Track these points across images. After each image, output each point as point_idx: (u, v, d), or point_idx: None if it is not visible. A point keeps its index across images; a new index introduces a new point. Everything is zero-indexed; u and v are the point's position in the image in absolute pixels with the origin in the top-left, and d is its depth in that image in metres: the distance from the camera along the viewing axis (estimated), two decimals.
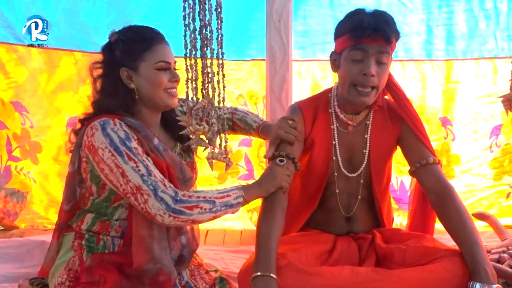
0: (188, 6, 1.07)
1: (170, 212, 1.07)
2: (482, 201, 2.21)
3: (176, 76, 1.22)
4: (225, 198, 1.13)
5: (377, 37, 1.21)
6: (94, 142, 1.12)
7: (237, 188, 1.17)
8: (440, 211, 1.27)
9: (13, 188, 2.18)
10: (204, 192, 1.13)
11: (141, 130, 1.18)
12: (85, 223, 1.21)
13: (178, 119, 1.13)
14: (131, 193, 1.09)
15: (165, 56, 1.21)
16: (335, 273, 1.13)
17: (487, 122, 2.18)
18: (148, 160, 1.12)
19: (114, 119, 1.15)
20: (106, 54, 1.22)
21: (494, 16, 2.10)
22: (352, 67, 1.24)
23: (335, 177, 1.36)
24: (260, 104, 2.20)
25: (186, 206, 1.08)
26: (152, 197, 1.07)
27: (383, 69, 1.24)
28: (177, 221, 1.09)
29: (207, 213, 1.11)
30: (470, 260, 1.13)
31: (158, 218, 1.08)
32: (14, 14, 2.09)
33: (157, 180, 1.09)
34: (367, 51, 1.22)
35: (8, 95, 2.14)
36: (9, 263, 1.63)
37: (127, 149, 1.10)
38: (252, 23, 2.11)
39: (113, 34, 1.20)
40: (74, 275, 1.15)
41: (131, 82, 1.19)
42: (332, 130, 1.35)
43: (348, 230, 1.41)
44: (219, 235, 2.09)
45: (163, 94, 1.20)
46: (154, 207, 1.07)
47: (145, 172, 1.08)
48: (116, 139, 1.11)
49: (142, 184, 1.07)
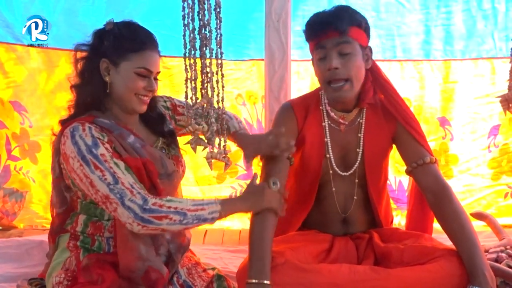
0: (187, 5, 1.07)
1: (139, 221, 1.05)
2: (480, 201, 2.21)
3: (152, 86, 1.20)
4: (198, 211, 1.09)
5: (329, 31, 1.22)
6: (66, 151, 1.11)
7: (215, 202, 1.11)
8: (438, 211, 1.26)
9: (12, 187, 2.18)
10: (177, 202, 1.09)
11: (114, 129, 1.16)
12: (78, 225, 1.21)
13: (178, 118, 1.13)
14: (101, 202, 1.09)
15: (149, 64, 1.18)
16: (333, 270, 1.14)
17: (485, 122, 2.18)
18: (116, 166, 1.09)
19: (84, 124, 1.13)
20: (95, 39, 1.21)
21: (492, 17, 2.10)
22: (319, 66, 1.27)
23: (330, 176, 1.35)
24: (258, 104, 2.20)
25: (155, 216, 1.06)
26: (120, 206, 1.05)
27: (349, 59, 1.24)
28: (146, 230, 1.07)
29: (176, 224, 1.07)
30: (469, 263, 1.12)
31: (128, 226, 1.08)
32: (12, 13, 2.09)
33: (124, 187, 1.07)
34: (326, 47, 1.23)
35: (7, 95, 2.14)
36: (8, 263, 1.63)
37: (93, 157, 1.08)
38: (251, 23, 2.11)
39: (110, 23, 1.19)
40: (71, 275, 1.15)
41: (107, 75, 1.17)
42: (324, 127, 1.34)
43: (344, 231, 1.40)
44: (217, 234, 2.10)
45: (133, 97, 1.19)
46: (123, 216, 1.06)
47: (111, 181, 1.07)
48: (83, 147, 1.09)
49: (109, 193, 1.06)
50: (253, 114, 2.22)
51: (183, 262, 1.33)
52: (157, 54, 1.21)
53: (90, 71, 1.19)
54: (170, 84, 2.14)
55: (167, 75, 2.12)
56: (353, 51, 1.25)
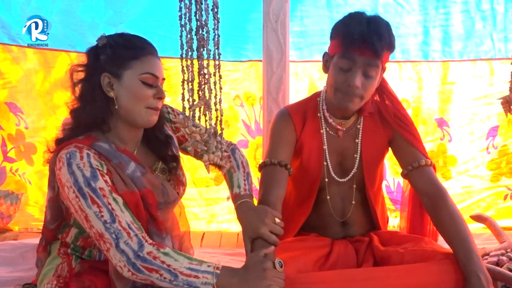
0: (184, 6, 1.06)
1: (130, 267, 0.99)
2: (480, 203, 2.21)
3: (161, 93, 1.12)
4: (191, 278, 1.00)
5: (366, 50, 1.17)
6: (61, 178, 1.05)
7: (212, 272, 1.00)
8: (433, 214, 1.26)
9: (7, 190, 2.16)
10: (172, 260, 1.00)
11: (113, 157, 1.09)
12: (69, 237, 1.17)
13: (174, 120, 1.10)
14: (95, 238, 1.03)
15: (153, 69, 1.11)
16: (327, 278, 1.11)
17: (483, 123, 2.18)
18: (115, 202, 1.02)
19: (82, 151, 1.04)
20: (90, 57, 1.12)
21: (491, 17, 2.10)
22: (339, 75, 1.22)
23: (329, 181, 1.35)
24: (256, 105, 2.19)
25: (147, 267, 0.99)
26: (114, 248, 1.00)
27: (370, 82, 1.22)
28: (135, 278, 1.01)
29: (165, 282, 1.00)
30: (464, 267, 1.11)
31: (118, 269, 1.02)
32: (9, 14, 2.08)
33: (121, 228, 1.00)
34: (355, 62, 1.19)
35: (2, 96, 2.12)
36: (2, 267, 1.61)
37: (91, 190, 1.01)
38: (248, 24, 2.10)
39: (102, 38, 1.11)
40: (63, 281, 1.12)
41: (111, 90, 1.09)
42: (322, 135, 1.34)
43: (344, 235, 1.40)
44: (215, 237, 2.08)
45: (143, 110, 1.10)
46: (115, 258, 1.00)
47: (108, 219, 1.01)
48: (80, 179, 1.02)
49: (105, 231, 1.00)
50: (251, 115, 2.20)
51: None
52: (158, 59, 1.14)
53: (90, 91, 1.10)
54: (167, 85, 2.13)
55: (165, 76, 2.11)
56: (376, 75, 1.22)
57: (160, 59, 1.16)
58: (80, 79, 1.13)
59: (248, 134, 2.21)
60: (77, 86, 1.13)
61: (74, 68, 1.13)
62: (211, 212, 2.22)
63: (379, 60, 1.21)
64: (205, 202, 2.23)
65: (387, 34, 1.20)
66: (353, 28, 1.18)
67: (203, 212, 2.23)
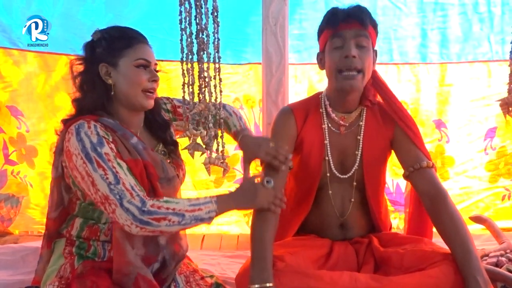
0: (185, 10, 1.07)
1: (137, 223, 1.05)
2: (478, 204, 2.22)
3: (155, 76, 1.21)
4: (196, 212, 1.09)
5: (352, 21, 1.26)
6: (70, 148, 1.11)
7: (211, 201, 1.11)
8: (434, 216, 1.27)
9: (8, 193, 2.16)
10: (174, 203, 1.08)
11: (118, 129, 1.17)
12: (74, 229, 1.20)
13: (175, 123, 1.13)
14: (100, 202, 1.08)
15: (145, 55, 1.20)
16: (334, 277, 1.13)
17: (481, 124, 2.19)
18: (119, 166, 1.09)
19: (90, 122, 1.13)
20: (87, 51, 1.22)
21: (488, 20, 2.11)
22: (334, 54, 1.28)
23: (329, 178, 1.35)
24: (256, 108, 2.20)
25: (154, 217, 1.05)
26: (119, 207, 1.05)
27: (364, 52, 1.27)
28: (144, 232, 1.07)
29: (175, 225, 1.07)
30: (462, 268, 1.12)
31: (126, 228, 1.07)
32: (9, 18, 2.08)
33: (125, 189, 1.06)
34: (345, 37, 1.26)
35: (3, 99, 2.13)
36: (3, 270, 1.61)
37: (97, 155, 1.08)
38: (248, 27, 2.12)
39: (96, 32, 1.21)
40: (66, 282, 1.14)
41: (109, 78, 1.18)
42: (323, 130, 1.35)
43: (343, 237, 1.40)
44: (215, 240, 2.08)
45: (140, 94, 1.19)
46: (121, 217, 1.05)
47: (112, 180, 1.06)
48: (88, 145, 1.09)
49: (109, 193, 1.05)
50: (251, 117, 2.21)
51: (181, 269, 1.32)
52: (149, 47, 1.23)
53: (90, 81, 1.20)
54: (167, 88, 2.14)
55: (165, 79, 2.12)
56: (369, 46, 1.28)
57: (151, 47, 1.24)
58: (79, 72, 1.21)
59: None
60: (77, 78, 1.21)
61: (73, 61, 1.23)
62: None
63: (367, 31, 1.27)
64: None
65: (367, 10, 1.30)
66: (335, 10, 1.30)
67: None
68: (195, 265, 1.39)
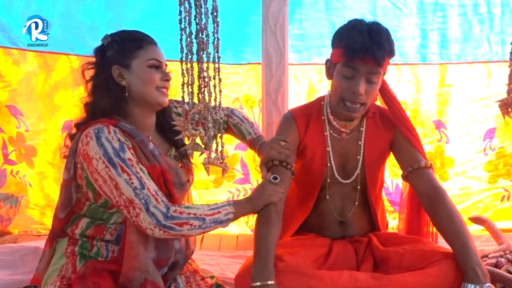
0: (184, 9, 1.07)
1: (161, 227, 1.08)
2: (478, 204, 2.22)
3: (167, 76, 1.23)
4: (216, 215, 1.14)
5: (368, 60, 1.22)
6: (88, 152, 1.11)
7: (228, 204, 1.17)
8: (432, 215, 1.28)
9: (7, 192, 2.16)
10: (195, 209, 1.13)
11: (136, 135, 1.18)
12: (79, 228, 1.20)
13: (173, 123, 1.13)
14: (124, 206, 1.09)
15: (156, 55, 1.23)
16: (334, 277, 1.13)
17: (480, 125, 2.19)
18: (142, 171, 1.11)
19: (109, 127, 1.14)
20: (98, 55, 1.23)
21: (488, 21, 2.11)
22: (343, 83, 1.26)
23: (331, 182, 1.37)
24: (256, 108, 2.20)
25: (177, 222, 1.09)
26: (144, 212, 1.07)
27: (373, 87, 1.26)
28: (167, 235, 1.11)
29: (196, 229, 1.12)
30: (462, 263, 1.14)
31: (148, 232, 1.09)
32: (9, 17, 2.08)
33: (150, 194, 1.09)
34: (358, 70, 1.24)
35: (3, 99, 2.13)
36: (2, 270, 1.60)
37: (120, 160, 1.09)
38: (248, 27, 2.11)
39: (107, 37, 1.22)
40: (67, 283, 1.14)
41: (122, 79, 1.20)
42: (326, 137, 1.36)
43: (342, 234, 1.41)
44: (215, 240, 2.08)
45: (155, 91, 1.21)
46: (145, 221, 1.08)
47: (138, 185, 1.08)
48: (110, 150, 1.10)
49: (135, 197, 1.08)
50: (250, 118, 2.20)
51: (181, 270, 1.32)
52: (159, 48, 1.26)
53: (103, 84, 1.21)
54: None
55: None
56: (378, 81, 1.27)
57: (160, 49, 1.27)
58: (91, 76, 1.22)
59: None
60: (89, 82, 1.22)
61: (84, 66, 1.24)
62: None
63: (381, 68, 1.25)
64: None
65: (388, 42, 1.24)
66: (355, 39, 1.22)
67: None
68: (196, 266, 1.39)
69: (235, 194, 2.21)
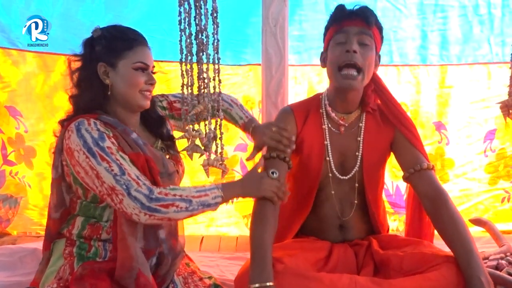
0: (184, 10, 1.07)
1: (146, 211, 1.06)
2: (478, 206, 2.21)
3: (152, 80, 1.22)
4: (203, 197, 1.11)
5: (356, 18, 1.27)
6: (70, 145, 1.11)
7: (216, 187, 1.14)
8: (434, 217, 1.27)
9: (6, 193, 2.16)
10: (181, 190, 1.11)
11: (118, 125, 1.18)
12: (75, 228, 1.20)
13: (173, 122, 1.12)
14: (107, 194, 1.08)
15: (144, 58, 1.21)
16: (334, 280, 1.13)
17: (481, 126, 2.19)
18: (122, 158, 1.10)
19: (89, 119, 1.14)
20: (86, 48, 1.22)
21: (488, 22, 2.11)
22: (336, 49, 1.28)
23: (329, 179, 1.35)
24: (256, 109, 2.20)
25: (161, 204, 1.07)
26: (126, 197, 1.06)
27: (366, 50, 1.27)
28: (153, 219, 1.08)
29: (183, 211, 1.09)
30: (465, 269, 1.12)
31: (134, 217, 1.08)
32: (8, 18, 2.08)
33: (131, 179, 1.07)
34: (349, 33, 1.27)
35: (2, 99, 2.13)
36: (0, 272, 1.60)
37: (99, 149, 1.09)
38: (248, 28, 2.11)
39: (97, 30, 1.21)
40: (64, 284, 1.13)
41: (106, 78, 1.19)
42: (324, 130, 1.35)
43: (342, 238, 1.40)
44: (214, 241, 2.08)
45: (138, 94, 1.20)
46: (129, 207, 1.06)
47: (118, 172, 1.07)
48: (89, 140, 1.10)
49: (116, 184, 1.07)
50: None
51: (179, 270, 1.31)
52: (149, 49, 1.24)
53: (87, 79, 1.20)
54: (167, 89, 2.13)
55: (164, 80, 2.11)
56: (371, 45, 1.29)
57: (150, 49, 1.25)
58: (77, 68, 1.21)
59: (247, 138, 2.21)
60: (75, 74, 1.21)
61: (71, 58, 1.23)
62: (210, 216, 2.22)
63: (371, 30, 1.28)
64: None
65: (372, 11, 1.31)
66: (341, 7, 1.31)
67: (201, 216, 2.23)
68: (196, 266, 1.39)
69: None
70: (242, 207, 2.20)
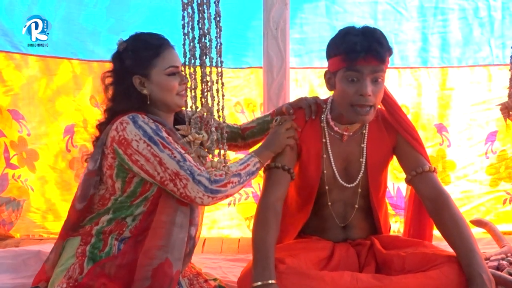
0: (187, 15, 1.07)
1: (209, 193, 1.15)
2: (479, 207, 2.21)
3: (184, 79, 1.26)
4: (247, 168, 1.23)
5: (370, 59, 1.21)
6: (126, 136, 1.16)
7: (251, 156, 1.27)
8: (437, 218, 1.27)
9: (9, 196, 2.16)
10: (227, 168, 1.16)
11: (166, 124, 1.25)
12: (100, 224, 1.22)
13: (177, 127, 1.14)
14: (169, 180, 1.14)
15: (173, 61, 1.26)
16: (335, 278, 1.13)
17: (482, 128, 2.19)
18: (180, 148, 1.18)
19: (142, 114, 1.20)
20: (116, 63, 1.27)
21: (488, 24, 2.12)
22: (348, 87, 1.24)
23: (325, 190, 1.36)
24: (257, 112, 2.20)
25: (220, 185, 1.16)
26: (191, 181, 1.14)
27: (379, 87, 1.25)
28: (215, 200, 1.17)
29: (236, 185, 1.20)
30: (467, 267, 1.13)
31: (198, 201, 1.14)
32: (11, 22, 2.09)
33: (192, 164, 1.15)
34: (362, 72, 1.22)
35: (5, 103, 2.13)
36: (4, 274, 1.60)
37: (160, 138, 1.16)
38: (249, 31, 2.12)
39: (122, 43, 1.25)
40: (73, 284, 1.14)
41: (143, 88, 1.25)
42: (323, 144, 1.35)
43: (344, 237, 1.41)
44: (216, 243, 2.08)
45: (175, 97, 1.27)
46: (193, 191, 1.14)
47: (180, 158, 1.15)
48: (148, 130, 1.17)
49: (180, 169, 1.14)
50: None
51: (184, 272, 1.32)
52: (174, 49, 1.29)
53: (125, 92, 1.26)
54: None
55: None
56: (383, 78, 1.26)
57: (174, 48, 1.30)
58: (110, 83, 1.27)
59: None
60: (109, 89, 1.27)
61: (104, 74, 1.29)
62: (212, 218, 2.22)
63: (384, 65, 1.25)
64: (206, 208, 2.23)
65: (385, 39, 1.25)
66: (354, 41, 1.21)
67: (204, 218, 2.22)
68: (199, 269, 1.39)
69: (236, 197, 2.21)
70: (244, 209, 2.20)
